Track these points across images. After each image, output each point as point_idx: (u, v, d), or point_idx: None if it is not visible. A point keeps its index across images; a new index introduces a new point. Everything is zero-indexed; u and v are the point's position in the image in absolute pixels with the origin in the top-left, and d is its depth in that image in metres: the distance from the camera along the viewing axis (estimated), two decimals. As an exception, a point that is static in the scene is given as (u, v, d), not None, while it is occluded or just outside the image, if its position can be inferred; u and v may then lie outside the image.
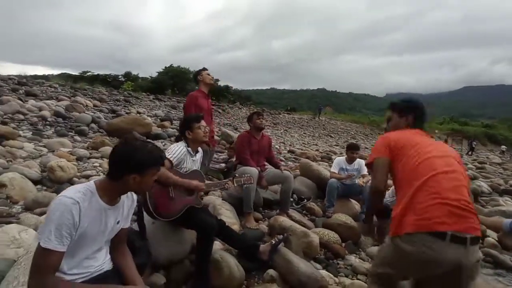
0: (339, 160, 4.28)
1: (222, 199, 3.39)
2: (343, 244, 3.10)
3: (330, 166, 7.73)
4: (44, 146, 5.38)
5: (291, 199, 3.87)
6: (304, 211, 3.84)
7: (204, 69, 3.55)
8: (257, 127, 3.49)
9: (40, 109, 8.68)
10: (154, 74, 33.37)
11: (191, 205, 2.22)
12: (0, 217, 2.56)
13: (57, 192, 3.37)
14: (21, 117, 7.71)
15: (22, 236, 1.97)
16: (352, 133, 26.52)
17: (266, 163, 3.64)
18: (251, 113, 3.61)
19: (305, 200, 3.94)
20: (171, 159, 2.16)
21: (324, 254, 2.89)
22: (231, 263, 2.19)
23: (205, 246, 2.07)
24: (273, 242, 2.37)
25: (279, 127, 21.35)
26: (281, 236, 2.43)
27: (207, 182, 2.38)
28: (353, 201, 4.08)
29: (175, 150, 2.22)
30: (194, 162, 2.40)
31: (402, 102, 1.88)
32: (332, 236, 3.01)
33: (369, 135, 27.79)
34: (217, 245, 2.43)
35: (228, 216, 2.81)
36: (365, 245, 3.21)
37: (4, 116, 7.37)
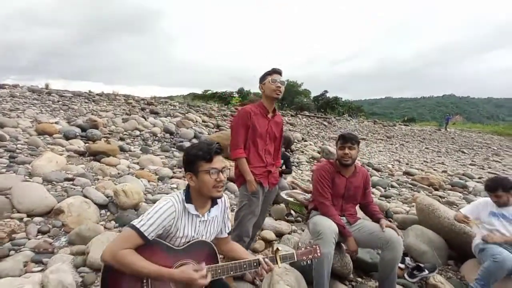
0: (483, 201, 2.70)
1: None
2: None
3: (465, 200, 5.57)
4: (138, 164, 5.55)
5: (402, 266, 2.54)
6: (423, 291, 2.44)
7: (273, 71, 2.33)
8: (339, 161, 2.33)
9: (154, 125, 9.56)
10: (265, 90, 34.74)
11: None
12: (37, 252, 2.31)
13: (117, 221, 3.09)
14: (137, 133, 8.56)
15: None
16: (494, 148, 20.70)
17: (356, 213, 2.43)
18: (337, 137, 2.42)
19: (426, 272, 2.51)
20: (142, 229, 1.28)
21: None
22: None
23: None
24: None
25: (393, 140, 18.49)
26: None
27: (220, 264, 1.39)
28: (518, 279, 2.41)
29: (153, 213, 1.33)
30: (205, 224, 1.49)
31: None
32: None
33: (521, 151, 21.19)
34: None
35: (288, 298, 1.82)
36: None
37: (124, 132, 8.32)
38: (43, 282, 1.84)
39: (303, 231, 3.29)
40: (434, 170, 10.55)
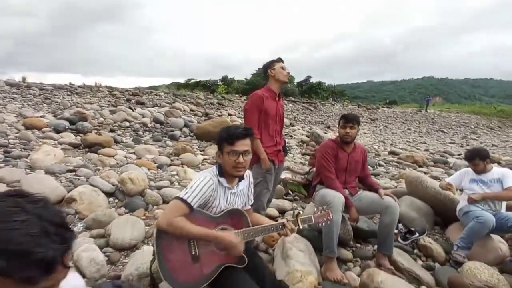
0: (464, 170, 3.04)
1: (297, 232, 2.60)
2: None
3: (447, 175, 6.00)
4: (134, 153, 5.62)
5: (396, 231, 2.82)
6: (414, 251, 2.74)
7: (279, 60, 2.64)
8: (341, 139, 2.58)
9: (143, 116, 9.49)
10: (249, 76, 34.66)
11: (229, 264, 1.51)
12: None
13: (126, 206, 3.23)
14: (127, 124, 8.50)
15: None
16: (472, 126, 21.69)
17: (357, 185, 2.69)
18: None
19: (417, 234, 2.81)
20: (188, 200, 1.47)
21: None
22: None
23: None
24: None
25: (377, 123, 19.05)
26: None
27: (252, 227, 1.61)
28: (495, 237, 2.74)
29: (196, 185, 1.51)
30: (235, 196, 1.68)
31: None
32: (468, 308, 1.88)
33: (496, 129, 22.28)
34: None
35: (300, 261, 2.04)
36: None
37: (114, 124, 8.26)
38: (75, 260, 1.98)
39: (303, 208, 3.52)
40: (417, 149, 11.07)
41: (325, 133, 10.93)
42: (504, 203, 2.80)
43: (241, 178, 1.70)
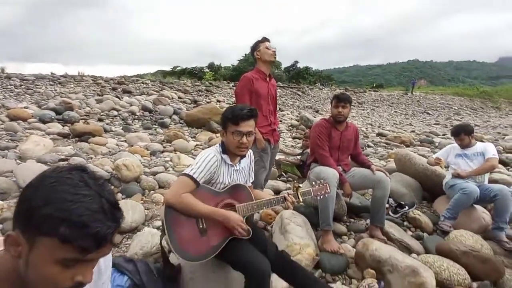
0: (450, 146, 3.20)
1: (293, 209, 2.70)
2: (474, 285, 2.02)
3: (433, 154, 6.24)
4: (125, 141, 5.59)
5: (387, 205, 2.96)
6: (404, 223, 2.89)
7: (264, 39, 2.59)
8: (334, 118, 2.64)
9: (131, 104, 9.35)
10: (235, 63, 34.32)
11: (235, 237, 1.56)
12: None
13: (123, 192, 3.25)
14: (115, 113, 8.38)
15: None
16: (455, 108, 22.24)
17: (350, 162, 2.77)
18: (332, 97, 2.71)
19: (406, 208, 2.96)
20: (194, 176, 1.52)
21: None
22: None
23: None
24: None
25: (364, 106, 19.29)
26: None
27: (255, 201, 1.67)
28: (478, 208, 2.91)
29: (201, 162, 1.56)
30: (237, 173, 1.73)
31: None
32: (455, 271, 1.98)
33: (478, 110, 22.92)
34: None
35: (298, 235, 2.14)
36: None
37: (101, 113, 8.13)
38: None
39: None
40: (404, 130, 11.35)
41: (314, 117, 11.05)
42: (487, 176, 2.96)
43: (242, 156, 1.74)
